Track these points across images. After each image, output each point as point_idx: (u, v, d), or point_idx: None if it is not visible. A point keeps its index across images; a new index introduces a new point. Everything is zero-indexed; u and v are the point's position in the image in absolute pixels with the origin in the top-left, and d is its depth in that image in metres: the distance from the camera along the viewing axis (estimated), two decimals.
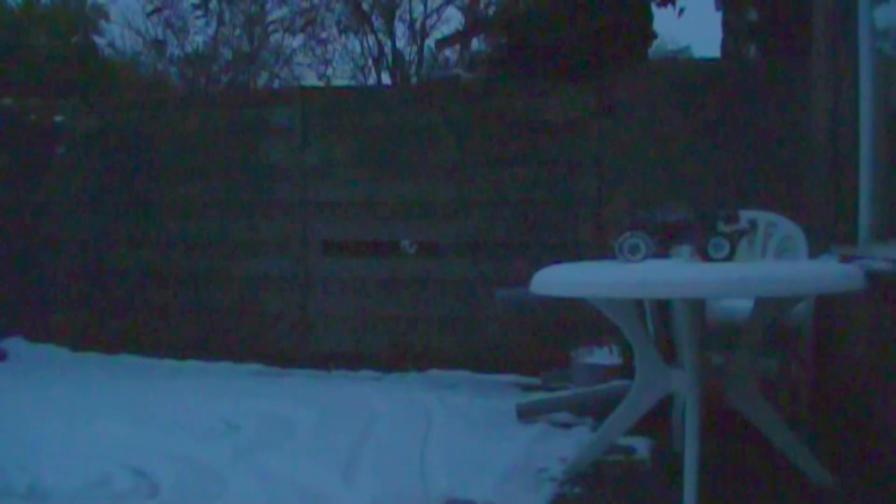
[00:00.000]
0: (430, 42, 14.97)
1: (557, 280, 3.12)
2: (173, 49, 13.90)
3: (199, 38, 14.02)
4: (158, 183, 6.40)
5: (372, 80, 15.51)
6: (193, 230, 6.34)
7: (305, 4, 14.26)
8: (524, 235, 5.73)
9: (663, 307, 3.73)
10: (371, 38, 15.24)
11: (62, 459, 3.58)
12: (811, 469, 3.18)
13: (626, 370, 4.13)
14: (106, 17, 10.39)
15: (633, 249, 3.07)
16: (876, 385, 3.14)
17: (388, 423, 4.35)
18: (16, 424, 4.13)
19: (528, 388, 5.24)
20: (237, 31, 14.51)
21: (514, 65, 7.19)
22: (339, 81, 15.42)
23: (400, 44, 15.39)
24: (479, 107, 5.88)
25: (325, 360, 5.96)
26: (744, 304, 3.34)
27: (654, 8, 7.27)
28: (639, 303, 3.70)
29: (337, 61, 15.82)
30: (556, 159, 5.70)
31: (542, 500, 3.27)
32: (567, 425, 4.34)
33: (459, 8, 14.32)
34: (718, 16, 7.45)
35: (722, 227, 3.09)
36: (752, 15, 6.93)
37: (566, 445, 3.93)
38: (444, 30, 14.94)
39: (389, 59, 15.25)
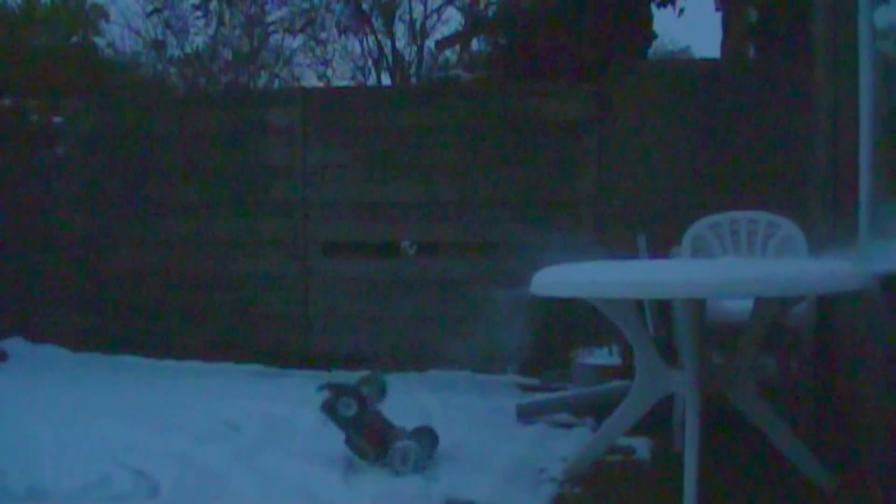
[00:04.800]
0: (430, 42, 14.96)
1: (557, 280, 3.12)
2: (173, 49, 13.90)
3: (199, 39, 14.02)
4: (158, 183, 6.40)
5: (372, 81, 15.50)
6: (193, 230, 6.34)
7: (305, 5, 14.26)
8: (524, 235, 5.72)
9: (663, 307, 3.73)
10: (371, 39, 15.24)
11: (62, 460, 3.58)
12: (811, 469, 3.18)
13: (626, 370, 4.13)
14: (106, 17, 10.37)
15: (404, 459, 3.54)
16: (875, 386, 3.14)
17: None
18: (16, 425, 4.13)
19: (528, 388, 5.24)
20: (237, 32, 14.50)
21: (513, 65, 7.19)
22: (339, 82, 15.42)
23: (400, 44, 15.39)
24: (479, 107, 5.88)
25: (325, 361, 5.95)
26: (744, 304, 3.34)
27: (654, 8, 7.27)
28: (639, 303, 3.70)
29: (337, 62, 15.83)
30: (556, 159, 5.69)
31: (542, 500, 3.28)
32: (567, 425, 4.34)
33: (459, 8, 14.33)
34: (718, 16, 7.45)
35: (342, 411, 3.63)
36: (752, 15, 6.93)
37: (566, 445, 3.94)
38: (444, 30, 14.93)
39: (389, 59, 15.24)
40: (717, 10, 7.47)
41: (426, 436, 3.80)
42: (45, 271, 6.61)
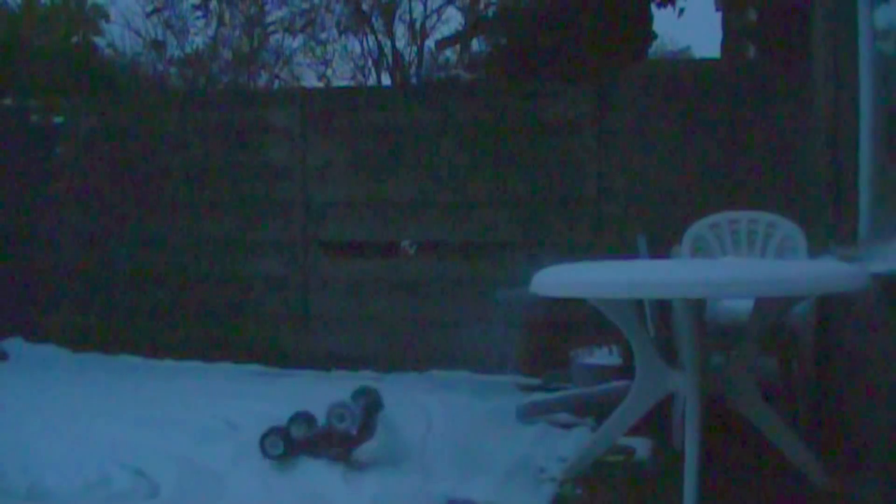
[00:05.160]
0: (430, 42, 14.95)
1: (557, 280, 3.12)
2: (173, 49, 13.89)
3: (199, 39, 14.01)
4: (158, 183, 6.40)
5: (372, 81, 15.50)
6: (194, 230, 6.33)
7: (305, 5, 14.26)
8: (524, 235, 5.72)
9: (663, 307, 3.73)
10: (371, 39, 15.24)
11: (62, 460, 3.58)
12: (811, 469, 3.18)
13: (626, 370, 4.13)
14: (106, 17, 10.35)
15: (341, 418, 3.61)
16: (874, 386, 3.14)
17: (388, 423, 4.34)
18: (16, 425, 4.13)
19: (528, 388, 5.24)
20: (237, 32, 14.50)
21: (514, 65, 7.19)
22: (339, 82, 15.41)
23: (400, 44, 15.38)
24: (479, 107, 5.88)
25: (324, 361, 5.96)
26: (744, 304, 3.34)
27: (654, 8, 7.28)
28: (639, 303, 3.70)
29: (337, 62, 15.82)
30: (556, 159, 5.69)
31: (542, 500, 3.28)
32: (567, 425, 4.34)
33: (459, 8, 14.32)
34: (718, 16, 7.46)
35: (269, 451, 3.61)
36: (752, 15, 6.94)
37: (566, 445, 3.94)
38: (444, 30, 14.92)
39: (389, 59, 15.24)
40: (717, 10, 7.48)
41: (363, 395, 3.87)
42: (45, 271, 6.61)
